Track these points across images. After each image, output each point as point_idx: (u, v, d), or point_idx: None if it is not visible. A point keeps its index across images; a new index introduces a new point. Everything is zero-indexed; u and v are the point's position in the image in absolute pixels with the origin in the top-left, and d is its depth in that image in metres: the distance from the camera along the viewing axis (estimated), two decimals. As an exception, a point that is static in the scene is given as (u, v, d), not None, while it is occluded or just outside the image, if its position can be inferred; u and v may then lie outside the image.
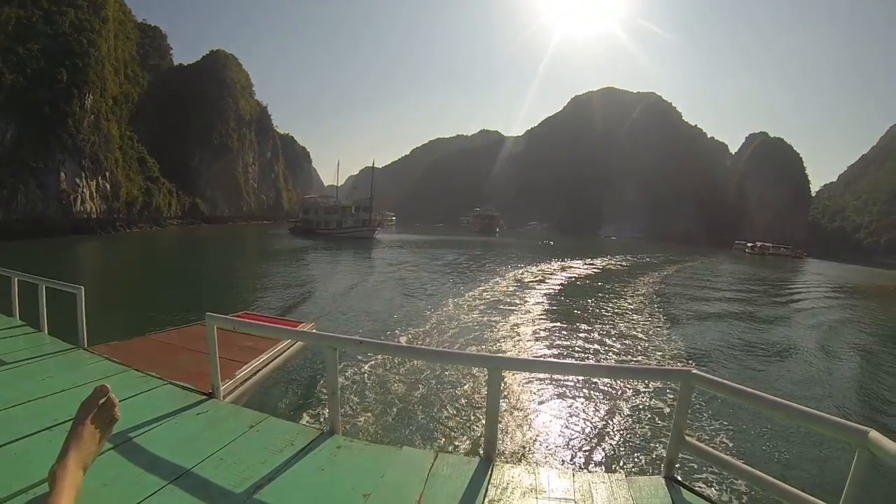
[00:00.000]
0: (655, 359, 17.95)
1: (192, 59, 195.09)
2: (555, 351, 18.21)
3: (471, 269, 43.76)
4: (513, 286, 33.62)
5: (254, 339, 7.37)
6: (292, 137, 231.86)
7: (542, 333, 20.51)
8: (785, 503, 2.80)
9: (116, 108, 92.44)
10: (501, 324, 21.39)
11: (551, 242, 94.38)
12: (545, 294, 30.99)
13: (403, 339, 18.15)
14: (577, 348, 18.85)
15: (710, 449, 3.66)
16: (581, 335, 20.75)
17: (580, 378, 13.34)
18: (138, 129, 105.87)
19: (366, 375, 13.00)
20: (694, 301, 33.74)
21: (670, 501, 3.29)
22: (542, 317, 23.90)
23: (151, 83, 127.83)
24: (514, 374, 13.36)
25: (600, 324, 23.26)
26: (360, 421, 10.04)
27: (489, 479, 3.44)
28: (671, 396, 12.09)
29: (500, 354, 15.08)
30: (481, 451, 3.89)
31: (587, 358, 17.85)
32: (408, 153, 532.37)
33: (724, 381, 3.42)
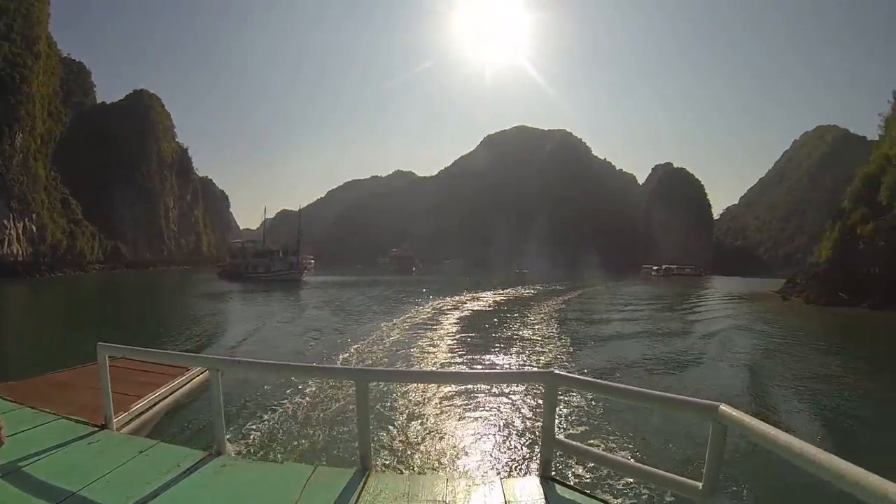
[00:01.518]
0: (538, 365, 19.72)
1: (114, 96, 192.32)
2: (460, 363, 20.15)
3: (391, 302, 46.41)
4: (428, 313, 37.32)
5: (150, 374, 7.29)
6: (211, 180, 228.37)
7: (447, 351, 22.95)
8: (654, 485, 3.06)
9: (42, 146, 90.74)
10: (415, 343, 24.02)
11: (467, 278, 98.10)
12: (456, 319, 34.32)
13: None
14: (476, 361, 20.67)
15: (582, 445, 3.87)
16: (481, 350, 23.06)
17: (455, 387, 13.96)
18: (60, 169, 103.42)
19: (259, 396, 13.57)
20: (586, 315, 39.07)
21: (544, 500, 3.40)
22: (450, 337, 26.71)
23: (74, 120, 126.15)
24: (389, 386, 13.83)
25: (499, 341, 25.85)
26: (251, 440, 10.53)
27: (363, 487, 3.60)
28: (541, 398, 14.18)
29: (368, 367, 15.58)
30: (358, 462, 4.01)
31: (475, 367, 19.36)
32: (323, 195, 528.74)
33: (585, 378, 3.72)
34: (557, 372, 3.71)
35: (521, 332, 28.93)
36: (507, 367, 19.52)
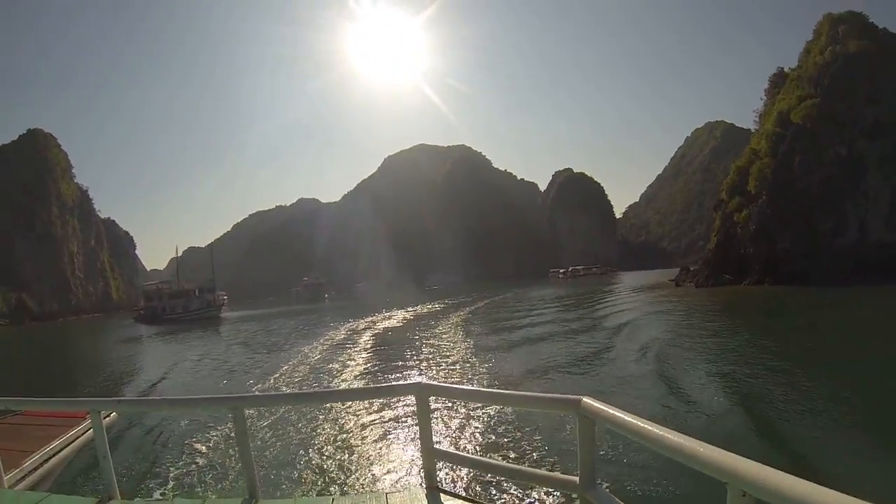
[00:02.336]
0: (441, 373, 20.96)
1: (3, 137, 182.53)
2: (349, 381, 21.56)
3: (306, 330, 47.83)
4: (342, 336, 39.91)
5: (45, 427, 6.97)
6: (114, 221, 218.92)
7: (348, 371, 24.63)
8: (532, 484, 3.13)
9: None
10: (324, 367, 25.87)
11: (380, 300, 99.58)
12: (365, 340, 36.86)
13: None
14: (368, 378, 22.35)
15: (462, 453, 3.94)
16: (384, 366, 24.97)
17: (334, 405, 14.40)
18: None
19: (151, 436, 13.76)
20: (490, 324, 41.74)
21: None
22: (355, 356, 29.03)
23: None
24: (270, 411, 13.97)
25: (400, 357, 27.53)
26: (144, 481, 10.59)
27: None
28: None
29: (241, 394, 15.31)
30: (246, 493, 4.01)
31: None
32: (230, 229, 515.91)
33: (452, 386, 3.87)
34: (426, 382, 3.77)
35: (421, 347, 30.85)
36: (384, 381, 20.23)
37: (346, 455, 11.32)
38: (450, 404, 13.24)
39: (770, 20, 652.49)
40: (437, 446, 3.77)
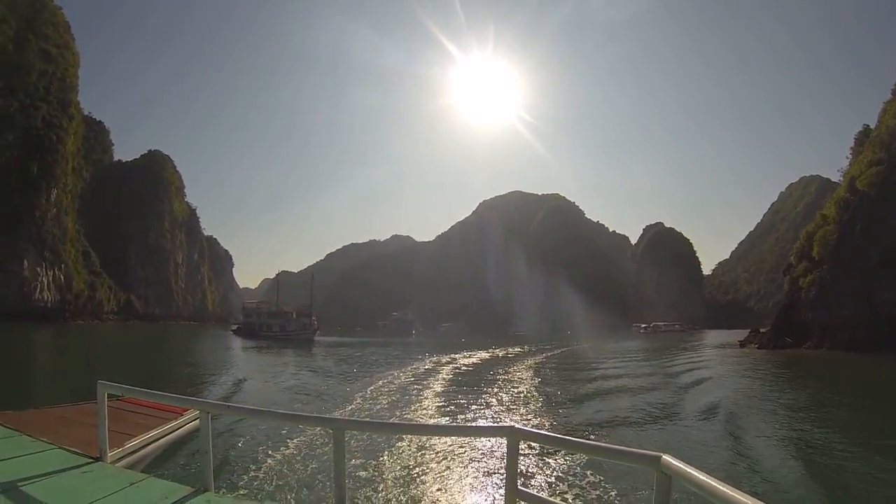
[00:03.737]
0: (520, 414, 21.34)
1: (127, 154, 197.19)
2: (440, 413, 21.72)
3: (399, 359, 50.69)
4: (429, 366, 42.09)
5: (147, 417, 7.31)
6: (216, 240, 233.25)
7: (438, 399, 24.82)
8: None
9: (71, 202, 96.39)
10: (416, 392, 27.18)
11: (463, 340, 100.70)
12: (449, 372, 38.48)
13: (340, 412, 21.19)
14: (455, 411, 22.19)
15: (544, 496, 4.04)
16: (464, 402, 24.60)
17: (426, 439, 14.46)
18: (79, 223, 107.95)
19: (249, 441, 14.25)
20: (564, 371, 43.07)
21: None
22: (442, 385, 29.41)
23: (93, 177, 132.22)
24: (371, 437, 14.30)
25: (486, 390, 27.91)
26: (236, 480, 11.05)
27: None
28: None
29: (343, 417, 15.59)
30: None
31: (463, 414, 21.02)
32: (322, 258, 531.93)
33: (544, 433, 3.87)
34: (518, 427, 3.81)
35: (503, 386, 32.06)
36: (476, 420, 20.39)
37: (431, 487, 11.29)
38: (537, 448, 13.17)
39: (867, 70, 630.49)
40: (520, 487, 3.78)
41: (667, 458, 2.56)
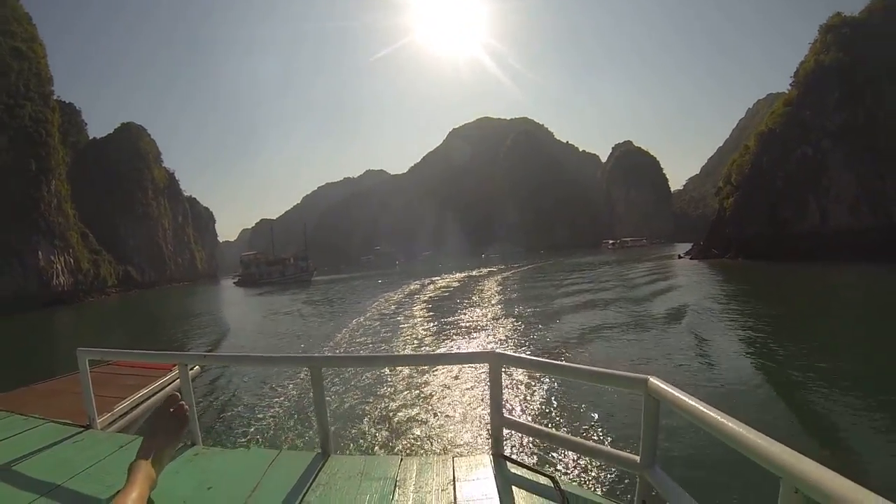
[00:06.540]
0: (495, 335, 22.47)
1: (98, 131, 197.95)
2: (426, 329, 24.52)
3: (386, 285, 61.98)
4: (416, 287, 53.29)
5: (136, 377, 7.45)
6: (195, 199, 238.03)
7: (425, 314, 29.96)
8: (596, 459, 3.29)
9: (65, 188, 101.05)
10: (405, 303, 35.47)
11: (440, 265, 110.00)
12: (432, 292, 47.76)
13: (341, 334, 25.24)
14: (437, 327, 25.20)
15: (529, 423, 4.00)
16: (443, 314, 29.26)
17: (407, 369, 14.82)
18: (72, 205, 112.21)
19: (235, 389, 14.76)
20: (526, 281, 53.69)
21: (493, 475, 3.47)
22: (426, 306, 35.67)
23: (73, 159, 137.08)
24: (353, 372, 14.66)
25: (459, 310, 32.06)
26: (223, 431, 11.47)
27: (321, 468, 3.74)
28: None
29: (318, 354, 14.45)
30: (319, 447, 4.13)
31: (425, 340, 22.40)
32: (299, 201, 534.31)
33: (526, 357, 3.84)
34: (499, 351, 3.71)
35: (477, 296, 40.58)
36: (454, 346, 20.80)
37: (415, 417, 11.56)
38: (517, 371, 13.42)
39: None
40: (505, 414, 3.75)
41: (654, 380, 2.58)
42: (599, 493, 6.90)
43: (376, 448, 9.89)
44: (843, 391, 12.26)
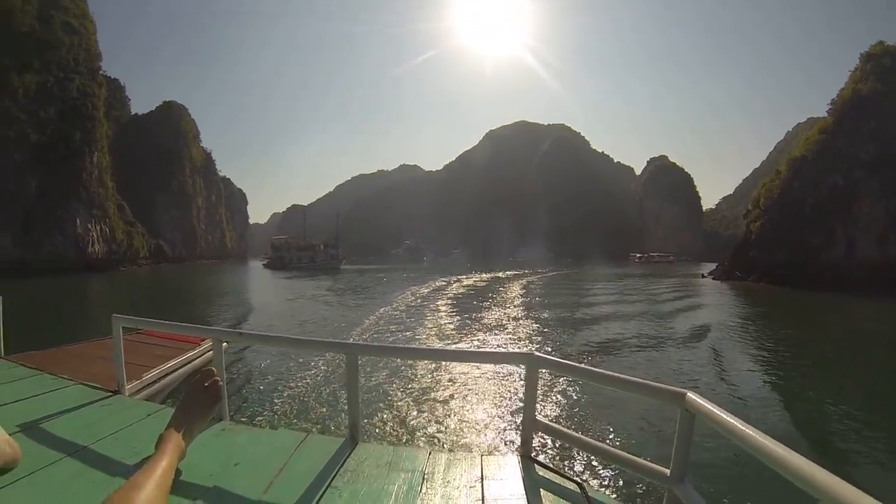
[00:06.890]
0: (517, 335, 22.49)
1: (140, 107, 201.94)
2: (453, 330, 23.78)
3: (413, 280, 61.88)
4: (442, 283, 54.01)
5: (165, 348, 7.57)
6: (229, 179, 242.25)
7: (450, 313, 29.56)
8: (625, 469, 3.08)
9: (107, 160, 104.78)
10: (430, 306, 33.05)
11: (469, 264, 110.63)
12: (461, 287, 49.75)
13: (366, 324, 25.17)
14: (466, 326, 24.69)
15: (560, 427, 3.89)
16: (472, 313, 29.37)
17: (441, 363, 14.81)
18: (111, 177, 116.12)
19: (263, 368, 14.74)
20: (553, 289, 52.29)
21: (521, 476, 3.45)
22: (453, 300, 36.53)
23: (116, 133, 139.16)
24: (385, 361, 14.61)
25: (489, 305, 33.67)
26: (250, 408, 11.43)
27: (350, 455, 3.71)
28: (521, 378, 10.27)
29: (356, 342, 14.48)
30: (347, 433, 4.06)
31: (464, 336, 22.16)
32: (332, 190, 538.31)
33: (564, 361, 3.71)
34: (538, 354, 3.70)
35: (502, 297, 40.86)
36: (491, 344, 20.69)
37: (443, 411, 11.46)
38: (553, 375, 13.27)
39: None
40: (537, 416, 3.78)
41: (691, 395, 2.55)
42: (626, 503, 7.09)
43: (404, 438, 9.84)
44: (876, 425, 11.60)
